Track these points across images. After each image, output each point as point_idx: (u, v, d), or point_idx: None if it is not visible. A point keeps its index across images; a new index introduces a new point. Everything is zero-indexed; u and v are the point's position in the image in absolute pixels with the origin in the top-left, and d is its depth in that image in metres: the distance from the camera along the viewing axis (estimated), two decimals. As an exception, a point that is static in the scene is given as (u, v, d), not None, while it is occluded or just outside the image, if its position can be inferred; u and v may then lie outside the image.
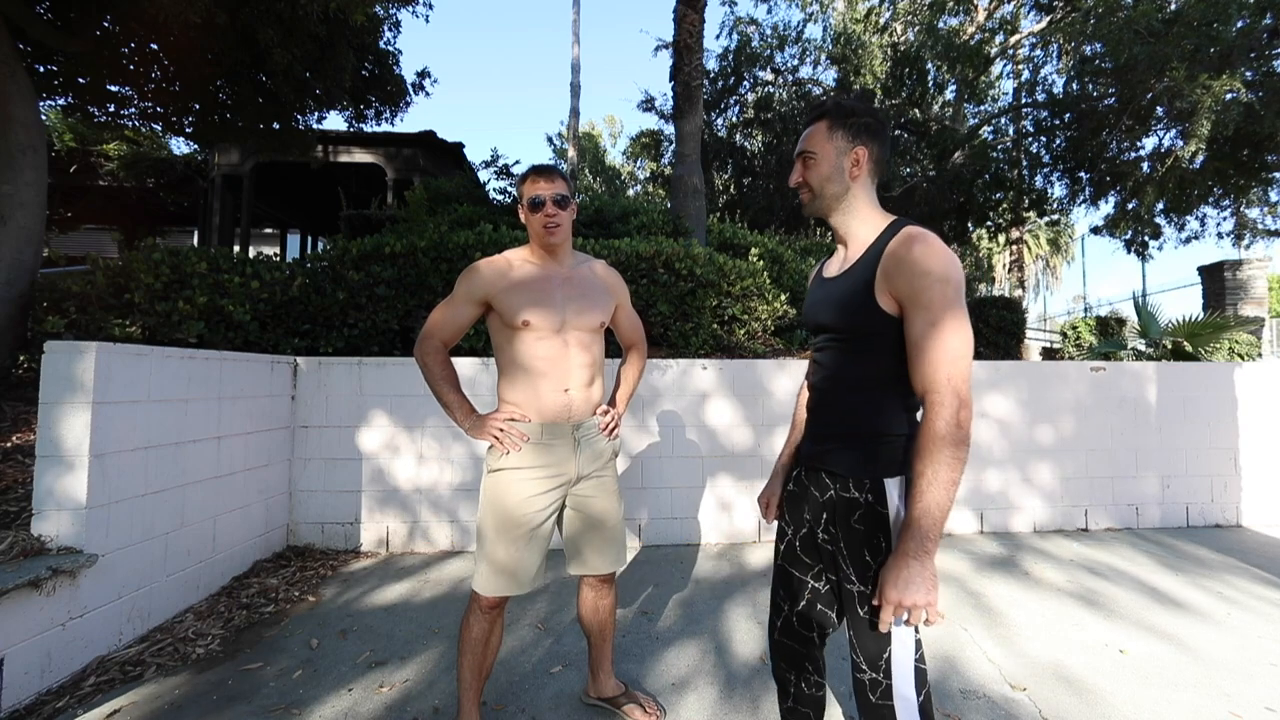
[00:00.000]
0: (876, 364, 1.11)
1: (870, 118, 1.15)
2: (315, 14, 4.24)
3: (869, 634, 1.08)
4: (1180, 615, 2.51)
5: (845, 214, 1.18)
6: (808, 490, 1.24)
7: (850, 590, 1.10)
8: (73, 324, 3.33)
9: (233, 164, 9.03)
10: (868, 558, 1.08)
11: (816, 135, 1.17)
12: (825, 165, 1.15)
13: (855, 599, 1.09)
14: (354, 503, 3.34)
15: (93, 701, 1.86)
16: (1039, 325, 15.66)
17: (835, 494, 1.15)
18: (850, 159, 1.15)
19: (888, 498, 1.09)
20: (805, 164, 1.18)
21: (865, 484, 1.11)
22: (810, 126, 1.18)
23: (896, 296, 1.05)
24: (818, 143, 1.16)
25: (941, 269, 1.00)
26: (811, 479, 1.23)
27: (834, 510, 1.16)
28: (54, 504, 2.04)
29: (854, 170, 1.15)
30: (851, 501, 1.12)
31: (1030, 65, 10.93)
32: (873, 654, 1.08)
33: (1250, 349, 6.38)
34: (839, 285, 1.16)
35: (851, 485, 1.12)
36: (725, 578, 2.97)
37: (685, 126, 5.91)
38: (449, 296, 1.64)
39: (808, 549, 1.24)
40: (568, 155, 10.30)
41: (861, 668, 1.10)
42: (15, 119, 3.65)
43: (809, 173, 1.17)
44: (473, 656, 1.60)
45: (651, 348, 3.92)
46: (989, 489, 3.73)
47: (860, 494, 1.11)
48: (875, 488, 1.10)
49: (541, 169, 1.61)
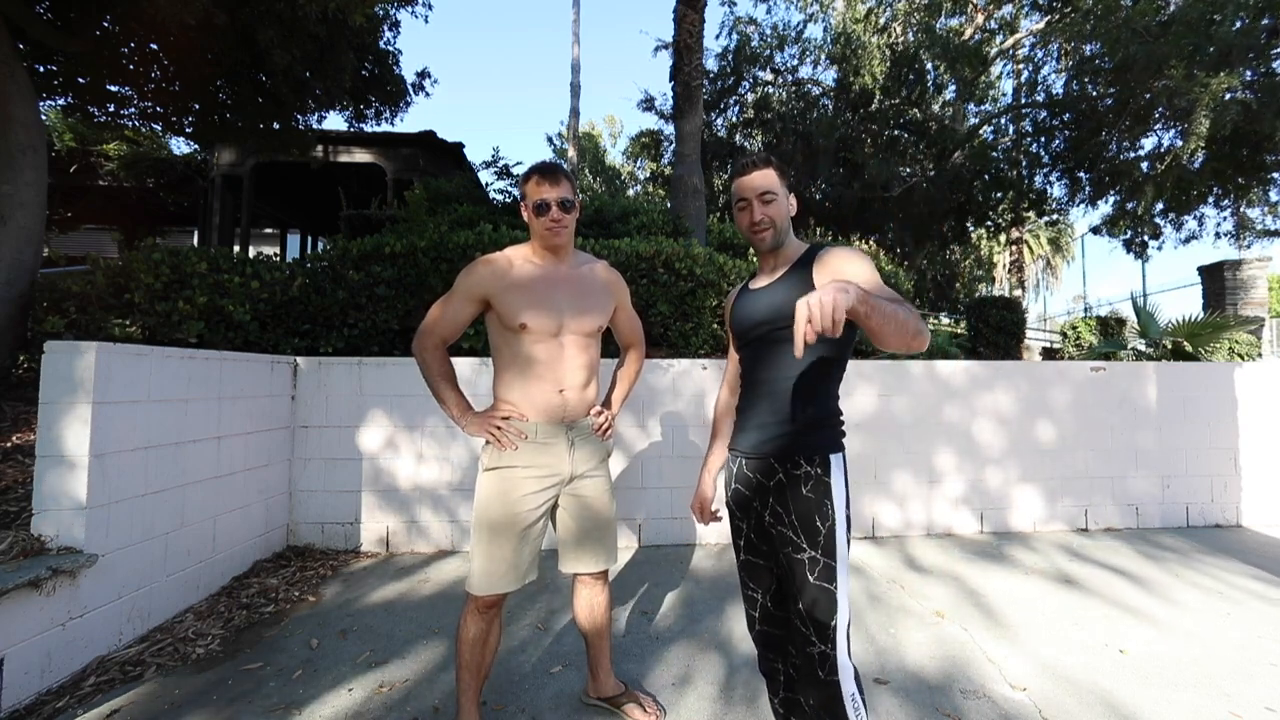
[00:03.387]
0: (815, 353, 1.25)
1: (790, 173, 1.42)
2: (315, 14, 4.24)
3: (820, 602, 1.17)
4: (1180, 615, 2.51)
5: (787, 243, 1.37)
6: (752, 480, 1.32)
7: (800, 559, 1.19)
8: (73, 324, 3.33)
9: (233, 164, 9.02)
10: (817, 523, 1.20)
11: (771, 178, 1.33)
12: (783, 204, 1.34)
13: (806, 566, 1.19)
14: (354, 502, 3.34)
15: (93, 701, 1.85)
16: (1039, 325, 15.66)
17: (785, 474, 1.25)
18: (790, 201, 1.37)
19: (832, 469, 1.23)
20: (766, 203, 1.32)
21: (815, 459, 1.24)
22: (758, 171, 1.33)
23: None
24: (775, 183, 1.33)
25: (861, 257, 1.22)
26: (756, 468, 1.32)
27: (782, 489, 1.25)
28: (54, 504, 2.04)
29: (792, 209, 1.37)
30: (802, 475, 1.23)
31: (1030, 65, 10.94)
32: (823, 623, 1.17)
33: (1250, 349, 6.38)
34: (775, 289, 1.32)
35: (802, 460, 1.24)
36: (724, 577, 2.97)
37: (685, 126, 5.91)
38: (449, 293, 1.64)
39: (763, 536, 1.33)
40: (568, 155, 10.30)
41: (811, 640, 1.17)
42: (15, 119, 3.65)
43: (771, 209, 1.32)
44: (471, 657, 1.60)
45: (651, 348, 3.92)
46: (989, 488, 3.73)
47: (810, 467, 1.23)
48: (823, 462, 1.23)
49: (546, 170, 1.58)
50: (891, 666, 2.10)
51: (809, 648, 1.18)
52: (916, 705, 1.86)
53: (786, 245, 1.38)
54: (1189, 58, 6.72)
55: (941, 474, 3.71)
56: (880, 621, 2.45)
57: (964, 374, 3.78)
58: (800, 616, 1.20)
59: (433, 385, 1.63)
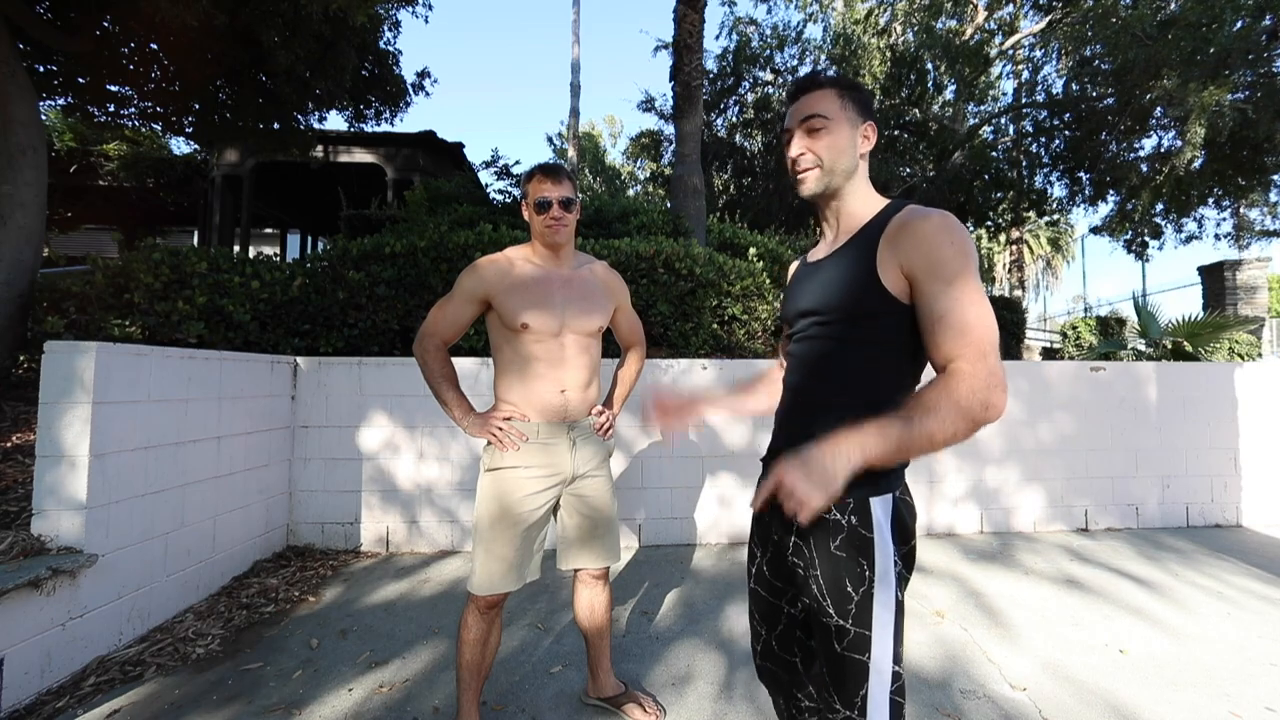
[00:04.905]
0: (869, 354, 0.96)
1: (869, 96, 1.04)
2: (317, 14, 4.24)
3: (847, 670, 0.93)
4: (1180, 615, 2.51)
5: (849, 193, 1.02)
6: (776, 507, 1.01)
7: (826, 624, 0.94)
8: (73, 324, 3.33)
9: (233, 164, 9.03)
10: (849, 588, 0.92)
11: (825, 100, 1.00)
12: (841, 136, 0.99)
13: (832, 634, 0.94)
14: (354, 502, 3.34)
15: (93, 701, 1.85)
16: (1039, 325, 15.67)
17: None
18: (862, 132, 1.01)
19: (873, 519, 0.93)
20: (813, 132, 0.99)
21: (848, 504, 0.94)
22: (810, 93, 1.01)
23: (908, 271, 0.90)
24: (830, 108, 0.99)
25: (961, 240, 0.88)
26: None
27: (808, 533, 0.97)
28: (54, 504, 2.04)
29: (864, 145, 1.01)
30: (832, 524, 0.94)
31: (1030, 66, 10.95)
32: (850, 691, 0.93)
33: (1250, 349, 6.38)
34: (830, 266, 1.01)
35: (833, 507, 0.94)
36: (724, 577, 2.97)
37: (685, 126, 5.91)
38: (449, 294, 1.64)
39: (778, 572, 1.09)
40: (568, 155, 10.30)
41: (835, 707, 0.95)
42: (15, 119, 3.65)
43: (818, 143, 0.99)
44: (471, 657, 1.60)
45: (651, 348, 3.92)
46: (989, 488, 3.73)
47: (842, 515, 0.94)
48: (860, 507, 0.94)
49: (549, 169, 1.59)
50: (892, 666, 2.10)
51: (830, 714, 0.96)
52: (916, 705, 1.86)
53: (849, 198, 1.02)
54: (1188, 60, 6.73)
55: (942, 474, 3.71)
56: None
57: (964, 374, 3.77)
58: (822, 677, 0.99)
59: (434, 386, 1.63)
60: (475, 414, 1.61)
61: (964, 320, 0.85)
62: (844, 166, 1.00)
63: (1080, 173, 9.57)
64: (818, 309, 1.01)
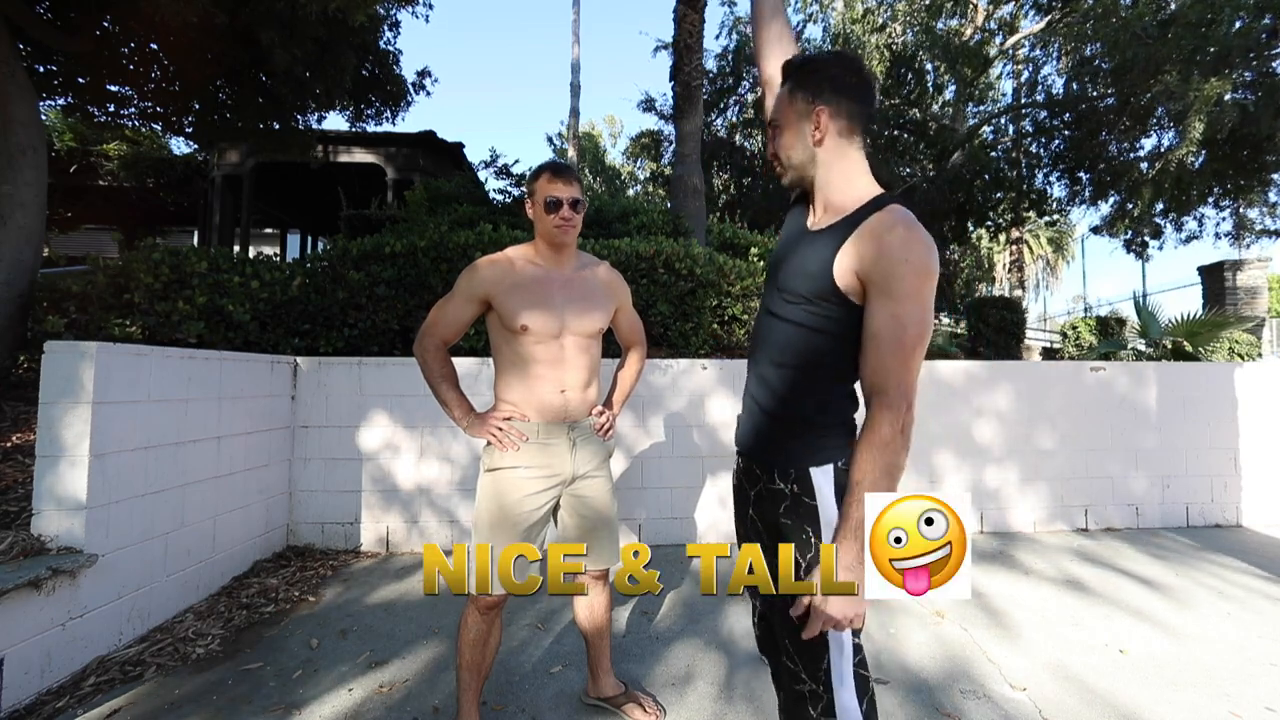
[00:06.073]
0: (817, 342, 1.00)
1: (835, 68, 1.01)
2: (316, 14, 4.24)
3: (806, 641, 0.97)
4: (1180, 615, 2.51)
5: (823, 180, 1.04)
6: (740, 481, 1.16)
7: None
8: (73, 324, 3.33)
9: (233, 164, 9.03)
10: (796, 555, 0.98)
11: (780, 99, 1.06)
12: (789, 133, 1.04)
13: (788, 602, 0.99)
14: (354, 502, 3.34)
15: (93, 701, 1.85)
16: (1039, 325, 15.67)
17: (763, 487, 1.07)
18: (810, 123, 1.00)
19: (815, 488, 1.00)
20: (775, 131, 1.07)
21: (790, 474, 1.01)
22: (776, 93, 1.08)
23: (863, 277, 0.93)
24: (779, 106, 1.06)
25: (920, 260, 0.89)
26: (744, 468, 1.15)
27: (761, 505, 1.08)
28: (54, 504, 2.04)
29: (815, 134, 1.00)
30: (776, 494, 1.03)
31: (1030, 65, 10.95)
32: (812, 663, 0.99)
33: (1250, 349, 6.38)
34: (806, 246, 1.04)
35: (776, 476, 1.03)
36: (725, 577, 2.96)
37: (685, 126, 5.91)
38: (449, 294, 1.63)
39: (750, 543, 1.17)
40: (568, 155, 10.30)
41: (801, 677, 1.01)
42: (15, 119, 3.65)
43: (778, 142, 1.06)
44: (471, 657, 1.60)
45: (651, 348, 3.92)
46: (989, 488, 3.73)
47: (785, 485, 1.02)
48: (800, 478, 1.01)
49: (558, 169, 1.59)
50: (891, 666, 2.10)
51: (796, 684, 1.01)
52: (916, 705, 1.86)
53: (825, 184, 1.03)
54: (1188, 59, 6.73)
55: (941, 474, 3.71)
56: (880, 621, 2.45)
57: (964, 374, 3.78)
58: (785, 648, 1.04)
59: (434, 387, 1.63)
60: (475, 414, 1.61)
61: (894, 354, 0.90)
62: (799, 160, 1.04)
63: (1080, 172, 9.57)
64: (784, 288, 1.06)
